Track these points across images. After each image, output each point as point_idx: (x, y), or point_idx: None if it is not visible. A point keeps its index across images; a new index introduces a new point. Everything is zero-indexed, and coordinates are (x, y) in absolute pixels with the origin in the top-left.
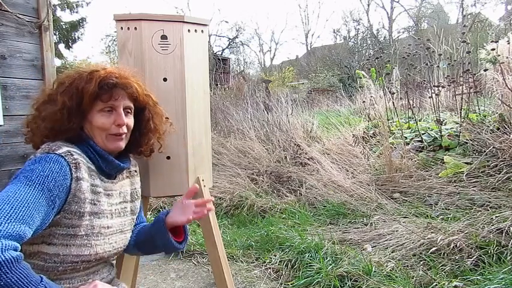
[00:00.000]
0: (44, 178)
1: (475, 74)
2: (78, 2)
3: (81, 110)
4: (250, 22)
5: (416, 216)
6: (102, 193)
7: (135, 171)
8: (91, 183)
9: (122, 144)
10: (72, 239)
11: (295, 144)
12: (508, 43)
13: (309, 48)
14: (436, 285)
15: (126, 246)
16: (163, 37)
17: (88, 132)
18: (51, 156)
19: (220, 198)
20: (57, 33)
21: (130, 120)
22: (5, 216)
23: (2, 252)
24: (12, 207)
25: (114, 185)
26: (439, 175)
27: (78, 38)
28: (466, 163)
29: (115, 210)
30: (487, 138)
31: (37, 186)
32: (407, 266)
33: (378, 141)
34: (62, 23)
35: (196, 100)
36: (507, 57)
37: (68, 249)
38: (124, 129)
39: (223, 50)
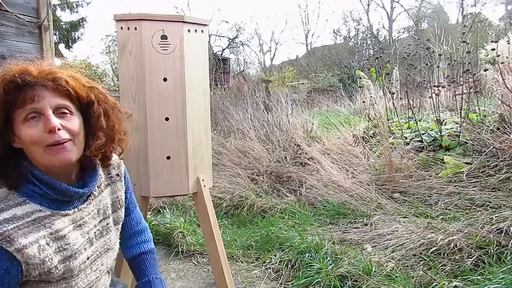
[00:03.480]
0: None
1: (475, 74)
2: (78, 2)
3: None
4: (250, 22)
5: (416, 216)
6: (71, 231)
7: (117, 175)
8: (47, 235)
9: (70, 154)
10: (47, 285)
11: (295, 144)
12: (508, 43)
13: (309, 48)
14: (436, 285)
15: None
16: (163, 37)
17: (28, 154)
18: None
19: (220, 198)
20: (57, 33)
21: (69, 122)
22: None
23: None
24: None
25: (86, 209)
26: (439, 175)
27: (78, 38)
28: (466, 163)
29: (94, 234)
30: (487, 138)
31: None
32: (407, 266)
33: (378, 141)
34: (62, 23)
35: (196, 100)
36: (507, 57)
37: None
38: (62, 134)
39: (223, 50)
